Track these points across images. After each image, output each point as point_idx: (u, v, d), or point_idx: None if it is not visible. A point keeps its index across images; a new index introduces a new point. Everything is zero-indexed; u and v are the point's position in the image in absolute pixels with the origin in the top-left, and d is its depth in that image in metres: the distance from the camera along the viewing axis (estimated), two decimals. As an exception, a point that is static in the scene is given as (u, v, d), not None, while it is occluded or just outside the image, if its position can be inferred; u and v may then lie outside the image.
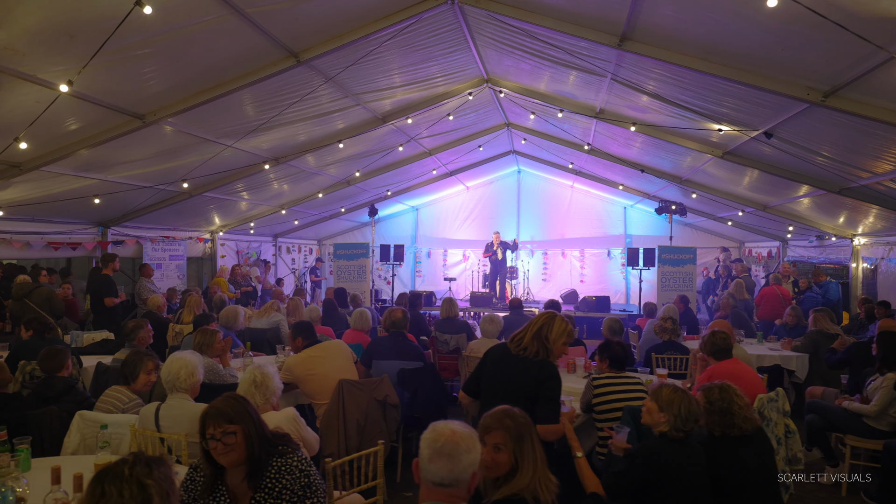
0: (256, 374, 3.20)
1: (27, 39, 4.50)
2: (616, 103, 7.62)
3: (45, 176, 6.95)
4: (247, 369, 3.33)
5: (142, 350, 3.77)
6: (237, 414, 2.32)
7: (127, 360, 3.67)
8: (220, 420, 2.28)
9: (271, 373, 3.27)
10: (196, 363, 3.44)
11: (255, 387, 3.18)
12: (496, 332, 5.89)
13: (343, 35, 5.95)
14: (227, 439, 2.26)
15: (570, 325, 3.30)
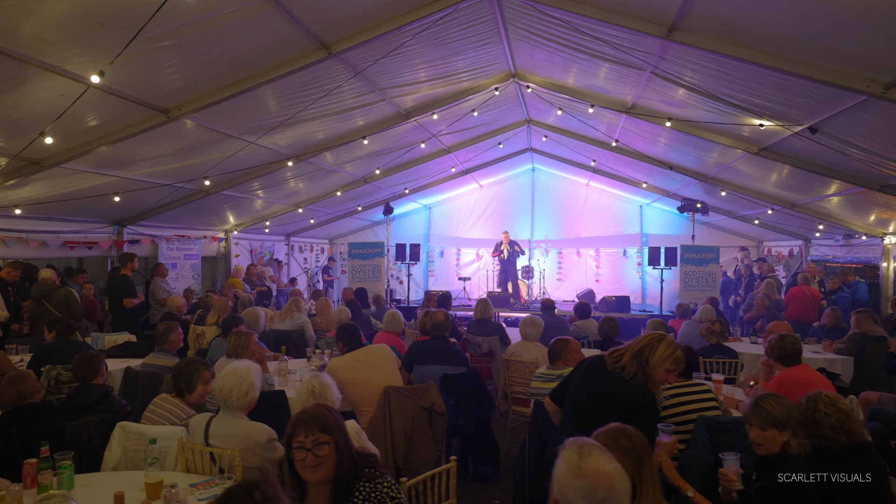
0: (315, 385, 2.97)
1: (56, 28, 4.29)
2: (650, 98, 7.39)
3: (64, 173, 6.74)
4: (303, 381, 3.09)
5: (196, 359, 3.54)
6: (330, 424, 2.10)
7: (182, 371, 3.43)
8: (314, 427, 2.07)
9: (329, 382, 3.04)
10: (253, 380, 3.19)
11: (313, 398, 2.94)
12: (538, 335, 5.67)
13: (376, 26, 5.73)
14: (318, 450, 2.04)
15: (678, 350, 2.91)
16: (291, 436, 2.11)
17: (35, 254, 7.94)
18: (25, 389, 3.42)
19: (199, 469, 2.98)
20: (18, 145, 5.79)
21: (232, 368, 3.22)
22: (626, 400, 2.76)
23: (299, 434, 2.08)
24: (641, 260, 15.82)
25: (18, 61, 4.47)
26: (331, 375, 4.38)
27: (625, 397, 2.77)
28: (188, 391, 3.44)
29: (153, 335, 5.03)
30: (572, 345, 3.97)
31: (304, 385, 3.03)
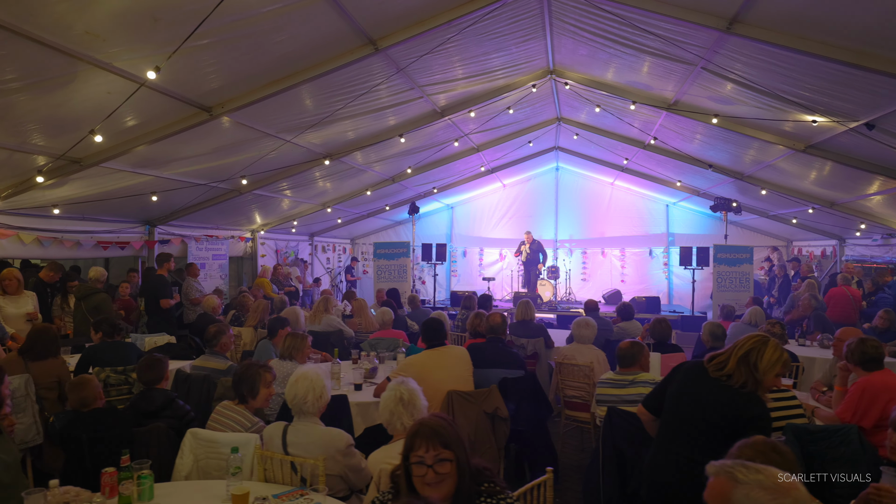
0: (403, 391, 2.83)
1: (111, 23, 4.19)
2: (696, 94, 7.21)
3: (102, 172, 6.66)
4: (387, 389, 2.94)
5: (255, 362, 3.42)
6: (452, 438, 1.98)
7: (243, 375, 3.31)
8: (435, 442, 1.94)
9: (417, 389, 2.90)
10: (324, 383, 3.08)
11: (402, 405, 2.80)
12: (592, 337, 5.52)
13: (425, 20, 5.61)
14: (440, 467, 1.92)
15: (784, 352, 2.73)
16: (410, 448, 1.98)
17: (69, 254, 7.88)
18: (87, 395, 3.32)
19: (279, 479, 2.86)
20: (61, 144, 5.73)
21: (302, 373, 3.11)
22: (738, 410, 2.59)
23: (419, 448, 1.96)
24: (668, 260, 15.62)
25: (70, 58, 4.38)
26: (408, 369, 4.29)
27: (737, 408, 2.60)
28: (251, 396, 3.32)
29: (205, 338, 4.92)
30: (646, 349, 3.82)
31: (391, 391, 2.89)
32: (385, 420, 2.85)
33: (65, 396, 4.77)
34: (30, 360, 4.66)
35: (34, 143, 5.58)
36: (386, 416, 2.83)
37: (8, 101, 4.75)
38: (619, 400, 3.74)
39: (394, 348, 5.99)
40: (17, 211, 6.96)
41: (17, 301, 6.33)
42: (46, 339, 4.75)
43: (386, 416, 2.82)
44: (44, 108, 5.03)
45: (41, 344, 4.71)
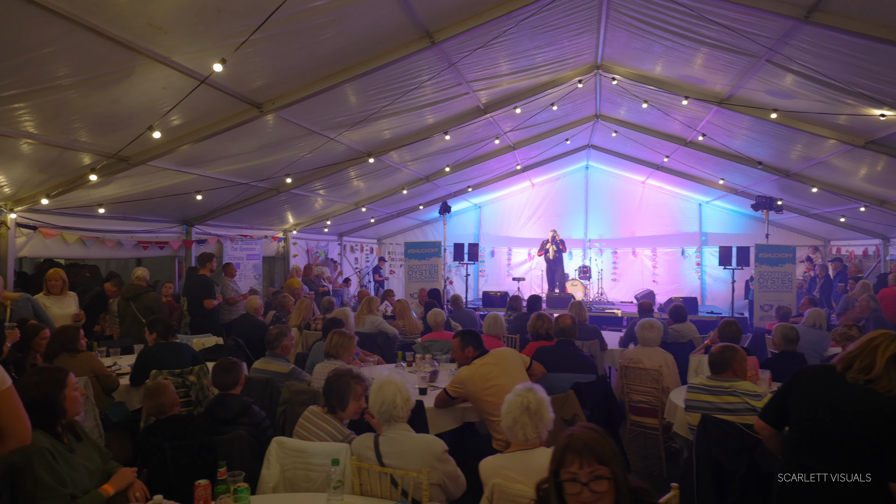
0: (530, 400, 2.64)
1: (174, 15, 4.06)
2: (753, 88, 6.97)
3: (147, 171, 6.57)
4: (512, 393, 2.73)
5: (346, 370, 3.25)
6: (608, 453, 1.80)
7: (333, 386, 3.13)
8: (590, 457, 1.77)
9: (546, 398, 2.69)
10: (407, 386, 2.92)
11: (527, 415, 2.62)
12: (657, 340, 5.30)
13: (484, 12, 5.42)
14: (596, 486, 1.74)
15: None
16: (560, 463, 1.81)
17: (111, 254, 7.79)
18: (164, 402, 3.18)
19: (377, 492, 2.69)
20: (112, 141, 5.63)
21: (385, 378, 2.95)
22: (890, 419, 2.35)
23: (571, 464, 1.78)
24: (701, 260, 15.34)
25: (130, 51, 4.26)
26: (461, 387, 4.12)
27: (889, 416, 2.35)
28: (340, 408, 3.14)
29: (266, 340, 4.77)
30: (741, 354, 3.61)
31: (517, 397, 2.69)
32: (507, 426, 2.66)
33: (108, 388, 4.65)
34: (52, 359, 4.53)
35: (85, 141, 5.48)
36: (508, 423, 2.64)
37: (61, 98, 4.64)
38: (714, 408, 3.54)
39: (447, 350, 5.82)
40: (61, 210, 6.88)
41: (62, 302, 6.24)
42: (65, 337, 4.61)
43: (508, 422, 2.63)
44: (98, 105, 4.92)
45: (66, 340, 4.57)
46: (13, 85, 4.25)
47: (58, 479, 2.40)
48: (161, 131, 5.71)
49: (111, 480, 2.60)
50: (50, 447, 2.43)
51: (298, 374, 4.58)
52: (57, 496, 2.38)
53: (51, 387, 2.53)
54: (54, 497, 2.37)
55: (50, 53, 4.03)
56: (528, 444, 2.60)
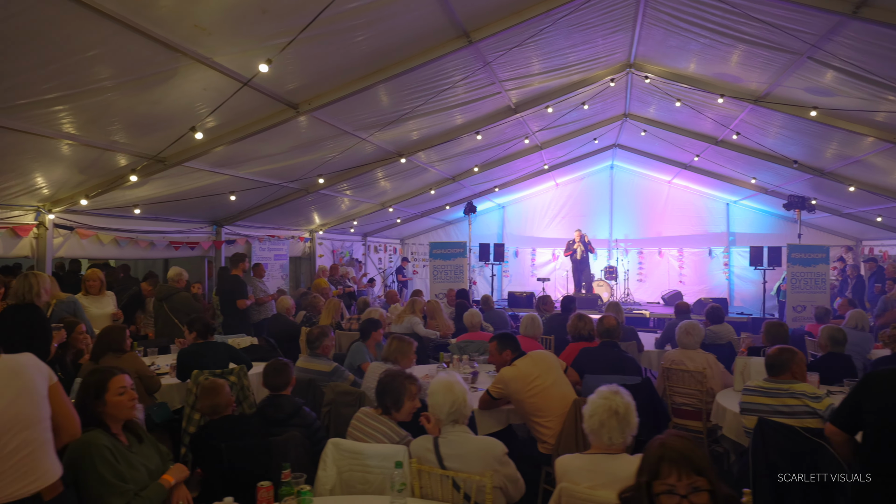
0: (618, 403, 2.55)
1: (220, 16, 4.07)
2: (791, 85, 6.83)
3: (182, 171, 6.60)
4: (598, 394, 2.64)
5: (398, 371, 3.22)
6: (704, 461, 1.74)
7: (388, 387, 3.10)
8: (687, 468, 1.71)
9: (632, 403, 2.60)
10: (465, 387, 2.89)
11: (616, 419, 2.52)
12: (697, 343, 5.21)
13: (522, 11, 5.37)
14: (695, 497, 1.68)
15: None
16: (655, 475, 1.76)
17: (143, 254, 7.86)
18: (219, 402, 3.17)
19: (437, 495, 2.66)
20: (150, 142, 5.67)
21: (444, 380, 2.91)
22: None
23: (668, 475, 1.73)
24: (728, 260, 15.13)
25: (174, 53, 4.28)
26: (503, 388, 4.07)
27: None
28: (395, 409, 3.11)
29: (308, 340, 4.77)
30: (800, 356, 3.53)
31: (602, 401, 2.60)
32: (591, 428, 2.58)
33: (151, 389, 4.67)
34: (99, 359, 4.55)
35: (124, 142, 5.52)
36: (593, 426, 2.56)
37: (103, 100, 4.68)
38: (772, 410, 3.45)
39: (483, 351, 5.78)
40: (95, 211, 6.94)
41: (100, 301, 6.29)
42: (110, 337, 4.64)
43: (593, 425, 2.56)
44: (139, 106, 4.95)
45: (105, 341, 4.60)
46: (58, 87, 4.28)
47: (118, 476, 2.42)
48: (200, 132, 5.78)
49: (170, 471, 2.62)
50: (109, 445, 2.44)
51: (341, 373, 4.56)
52: (120, 492, 2.39)
53: (87, 392, 2.55)
54: (118, 493, 2.38)
55: (95, 56, 4.06)
56: (612, 448, 2.54)
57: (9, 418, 2.06)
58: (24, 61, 3.89)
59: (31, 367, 2.21)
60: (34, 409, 2.14)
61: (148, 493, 2.46)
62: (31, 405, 2.13)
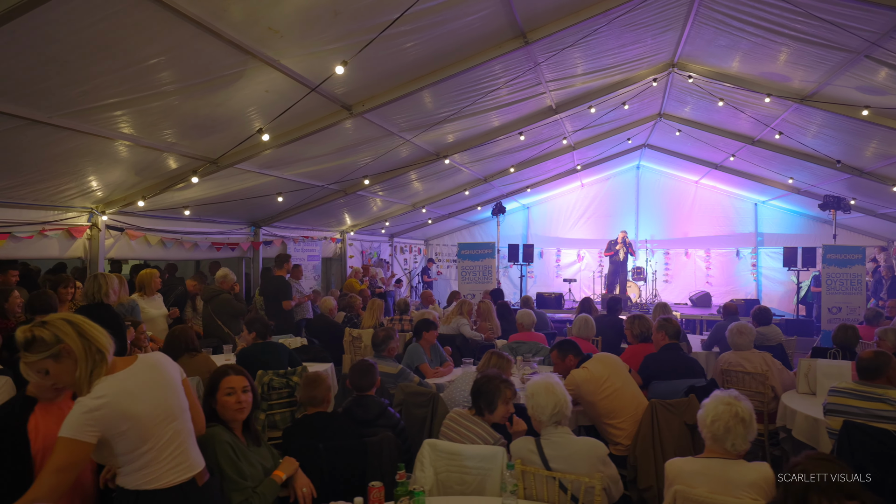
0: (742, 409, 2.50)
1: (294, 18, 4.09)
2: (842, 84, 6.76)
3: (232, 173, 6.64)
4: (717, 400, 2.59)
5: (495, 373, 3.23)
6: (855, 486, 1.72)
7: (483, 388, 3.10)
8: (839, 495, 1.69)
9: (751, 407, 2.58)
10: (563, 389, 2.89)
11: (742, 425, 2.48)
12: (749, 344, 5.17)
13: (580, 11, 5.36)
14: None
15: None
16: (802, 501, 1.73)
17: (187, 255, 7.92)
18: (318, 395, 3.19)
19: (543, 496, 2.66)
20: (208, 144, 5.71)
21: (542, 383, 2.91)
22: None
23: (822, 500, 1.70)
24: (756, 261, 15.02)
25: (245, 55, 4.30)
26: (576, 390, 4.06)
27: None
28: (489, 410, 3.11)
29: (373, 342, 4.78)
30: (895, 361, 3.49)
31: (725, 407, 2.55)
32: (715, 434, 2.54)
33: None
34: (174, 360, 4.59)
35: (182, 144, 5.56)
36: (718, 432, 2.52)
37: (166, 104, 4.70)
38: (865, 413, 3.42)
39: (536, 352, 5.77)
40: (142, 213, 6.99)
41: (155, 302, 6.34)
42: (186, 337, 4.68)
43: (718, 431, 2.52)
44: (202, 109, 4.98)
45: (182, 342, 4.64)
46: (127, 91, 4.32)
47: (239, 473, 2.45)
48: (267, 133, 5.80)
49: (280, 467, 2.65)
50: (230, 441, 2.47)
51: (408, 374, 4.58)
52: (240, 488, 2.42)
53: (207, 389, 2.59)
54: (238, 489, 2.42)
55: (164, 60, 4.10)
56: (730, 454, 2.51)
57: (162, 410, 2.13)
58: (98, 67, 3.93)
59: (166, 363, 2.29)
60: (178, 400, 2.23)
61: (263, 490, 2.48)
62: (175, 397, 2.21)
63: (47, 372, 2.03)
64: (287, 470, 2.63)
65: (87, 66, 3.89)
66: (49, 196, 5.81)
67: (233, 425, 2.61)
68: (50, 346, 1.99)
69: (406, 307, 7.34)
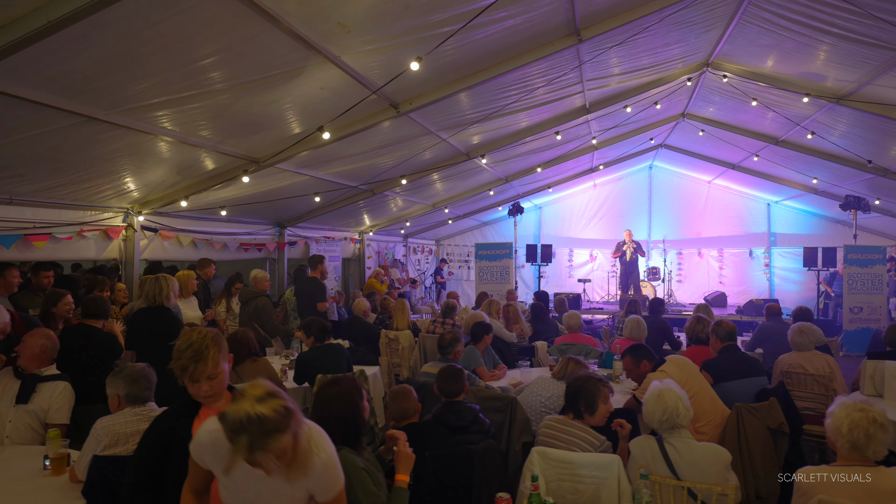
0: (877, 413, 2.42)
1: (364, 13, 3.98)
2: (884, 84, 6.72)
3: (270, 172, 6.51)
4: (848, 407, 2.48)
5: (589, 373, 3.15)
6: None
7: (581, 389, 3.03)
8: None
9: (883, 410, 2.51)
10: (680, 392, 2.81)
11: (882, 430, 2.40)
12: (810, 345, 5.12)
13: (636, 9, 5.28)
14: None
15: None
16: None
17: (217, 255, 7.78)
18: (409, 407, 3.09)
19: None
20: (254, 143, 5.60)
21: (664, 386, 2.83)
22: None
23: None
24: (769, 261, 15.05)
25: (308, 51, 4.19)
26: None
27: None
28: (589, 412, 3.03)
29: (440, 344, 4.68)
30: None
31: (860, 413, 2.45)
32: (855, 442, 2.45)
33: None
34: (235, 364, 4.47)
35: (228, 143, 5.45)
36: (859, 439, 2.43)
37: (217, 102, 4.58)
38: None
39: (586, 354, 5.69)
40: (176, 213, 6.85)
41: (190, 304, 6.21)
42: (248, 341, 4.56)
43: (859, 438, 2.43)
44: (256, 106, 4.87)
45: (243, 347, 4.52)
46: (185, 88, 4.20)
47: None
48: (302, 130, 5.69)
49: (399, 469, 2.49)
50: (365, 466, 2.33)
51: (474, 379, 4.49)
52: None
53: (354, 397, 2.45)
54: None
55: (231, 55, 3.98)
56: (870, 461, 2.44)
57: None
58: (163, 63, 3.81)
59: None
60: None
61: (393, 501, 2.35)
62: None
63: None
64: (405, 470, 2.48)
65: (153, 61, 3.77)
66: (88, 196, 5.68)
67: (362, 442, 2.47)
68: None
69: (451, 309, 7.17)
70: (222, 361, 2.21)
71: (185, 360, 2.14)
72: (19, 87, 3.51)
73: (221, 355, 2.21)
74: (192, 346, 2.15)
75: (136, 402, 3.07)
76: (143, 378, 3.10)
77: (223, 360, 2.22)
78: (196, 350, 2.14)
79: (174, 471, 2.27)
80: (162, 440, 2.27)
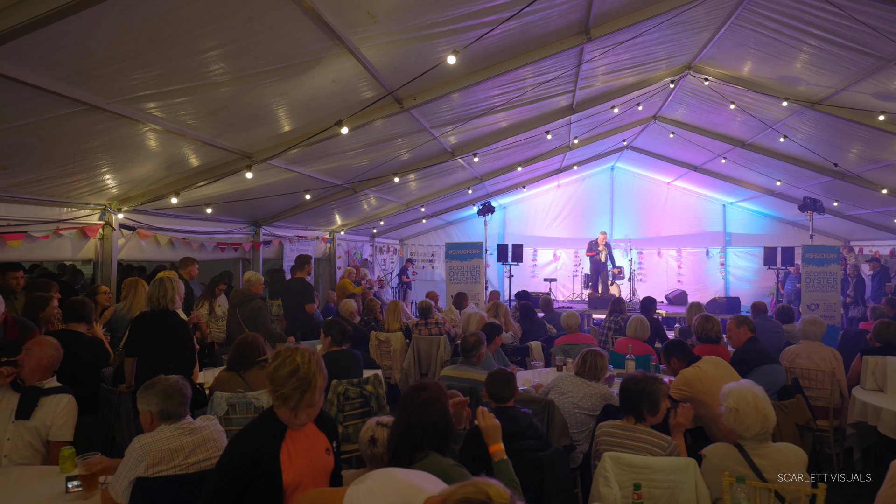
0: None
1: (393, 3, 3.81)
2: (861, 90, 7.02)
3: (261, 168, 6.21)
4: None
5: (644, 373, 3.09)
6: None
7: (645, 390, 2.97)
8: None
9: None
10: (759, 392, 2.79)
11: None
12: (820, 335, 5.28)
13: (645, 9, 5.29)
14: None
15: None
16: None
17: (193, 255, 7.36)
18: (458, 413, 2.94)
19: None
20: (251, 137, 5.31)
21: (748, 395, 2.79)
22: None
23: None
24: (725, 260, 15.60)
25: (331, 40, 3.98)
26: (693, 384, 3.98)
27: None
28: (651, 413, 2.98)
29: (462, 348, 4.53)
30: None
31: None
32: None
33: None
34: (243, 370, 4.22)
35: (228, 136, 5.15)
36: None
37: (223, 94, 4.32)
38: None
39: (590, 354, 5.67)
40: (153, 211, 6.45)
41: (175, 307, 5.83)
42: (257, 346, 4.32)
43: None
44: (265, 98, 4.61)
45: (253, 351, 4.28)
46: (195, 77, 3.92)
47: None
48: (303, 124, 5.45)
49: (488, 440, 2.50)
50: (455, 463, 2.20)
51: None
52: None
53: (443, 401, 2.30)
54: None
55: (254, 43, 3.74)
56: None
57: None
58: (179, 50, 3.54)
59: None
60: None
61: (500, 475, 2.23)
62: None
63: None
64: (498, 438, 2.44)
65: (161, 51, 3.48)
66: (66, 192, 5.26)
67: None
68: None
69: (429, 310, 7.04)
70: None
71: (288, 390, 1.93)
72: (24, 71, 3.17)
73: (324, 380, 2.01)
74: (297, 375, 1.94)
75: (171, 420, 2.80)
76: (178, 393, 2.83)
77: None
78: (302, 379, 1.94)
79: (256, 497, 2.07)
80: (247, 461, 2.06)
